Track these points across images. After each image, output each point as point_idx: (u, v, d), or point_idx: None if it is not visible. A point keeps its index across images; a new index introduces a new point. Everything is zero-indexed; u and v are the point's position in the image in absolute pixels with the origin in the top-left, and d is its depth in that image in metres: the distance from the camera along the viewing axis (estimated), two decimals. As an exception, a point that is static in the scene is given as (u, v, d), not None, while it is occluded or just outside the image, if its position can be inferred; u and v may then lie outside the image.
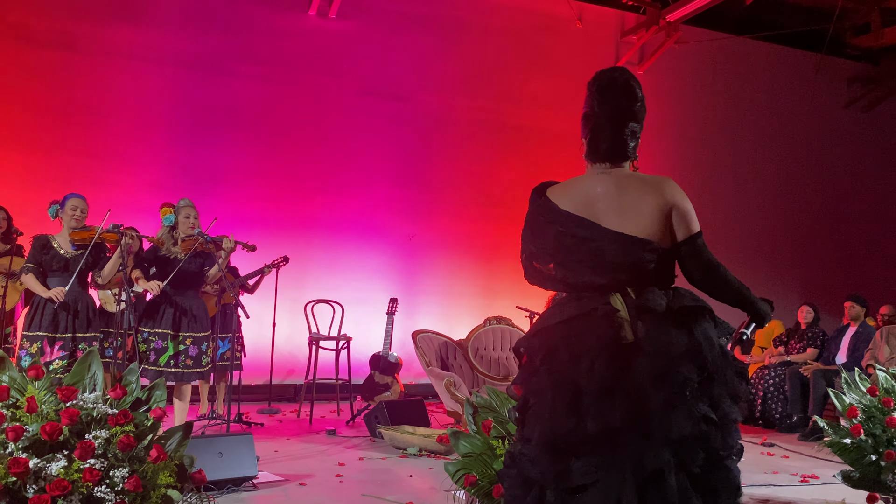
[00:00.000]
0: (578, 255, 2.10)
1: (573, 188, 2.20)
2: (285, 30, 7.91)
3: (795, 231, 10.27)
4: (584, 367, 2.00)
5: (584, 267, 2.10)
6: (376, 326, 7.10)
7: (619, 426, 1.95)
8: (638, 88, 2.21)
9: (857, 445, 3.92)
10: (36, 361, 2.76)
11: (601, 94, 2.20)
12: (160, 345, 4.68)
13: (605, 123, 2.19)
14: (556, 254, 2.14)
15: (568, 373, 2.02)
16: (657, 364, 1.98)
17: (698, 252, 2.15)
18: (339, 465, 4.68)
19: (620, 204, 2.12)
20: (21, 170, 6.83)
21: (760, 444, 5.95)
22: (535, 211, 2.21)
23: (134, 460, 2.55)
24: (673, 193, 2.14)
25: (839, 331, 7.03)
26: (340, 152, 8.05)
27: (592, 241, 2.09)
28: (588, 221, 2.11)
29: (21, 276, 4.60)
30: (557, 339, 2.08)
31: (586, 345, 2.02)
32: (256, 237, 7.37)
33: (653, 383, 1.96)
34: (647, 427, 1.95)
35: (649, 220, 2.10)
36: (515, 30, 8.84)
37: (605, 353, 2.00)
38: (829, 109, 10.69)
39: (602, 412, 1.96)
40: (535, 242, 2.19)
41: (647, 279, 2.10)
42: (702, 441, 1.98)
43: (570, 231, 2.11)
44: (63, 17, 7.09)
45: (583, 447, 1.98)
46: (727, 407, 2.05)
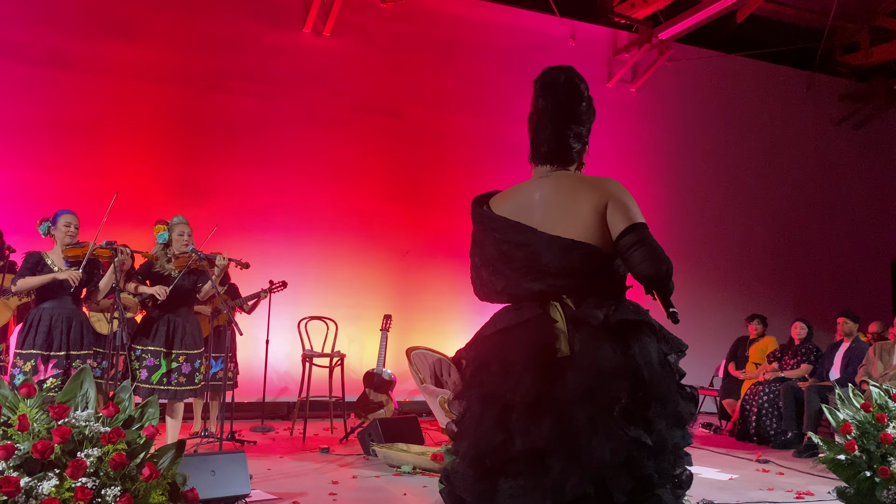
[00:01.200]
0: (516, 261, 1.99)
1: (512, 194, 2.10)
2: (280, 47, 7.95)
3: (787, 247, 10.32)
4: (512, 381, 1.88)
5: (522, 274, 1.98)
6: (370, 343, 7.09)
7: (545, 447, 1.82)
8: (584, 88, 2.09)
9: (852, 462, 3.93)
10: (28, 379, 2.74)
11: (544, 91, 2.09)
12: (153, 362, 4.66)
13: (547, 122, 2.07)
14: (497, 262, 2.03)
15: (496, 386, 1.92)
16: (585, 380, 1.83)
17: (643, 240, 1.93)
18: (333, 483, 4.64)
19: (557, 208, 1.99)
20: (13, 187, 6.81)
21: (755, 461, 5.94)
22: (474, 220, 2.11)
23: (126, 479, 2.53)
24: (609, 189, 1.98)
25: (832, 347, 7.05)
26: (334, 168, 8.06)
27: (528, 247, 1.97)
28: (524, 226, 1.99)
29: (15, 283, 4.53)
30: (489, 350, 1.99)
31: (516, 357, 1.90)
32: (250, 254, 7.36)
33: (578, 401, 1.82)
34: (573, 449, 1.80)
35: (586, 221, 1.96)
36: (508, 47, 8.90)
37: (534, 366, 1.87)
38: (819, 127, 10.78)
39: (528, 430, 1.84)
40: (478, 253, 2.09)
41: (589, 286, 1.96)
42: (629, 467, 1.80)
43: (506, 237, 2.00)
44: (56, 34, 7.11)
45: (511, 466, 1.86)
46: (665, 431, 1.86)
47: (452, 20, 8.69)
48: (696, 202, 9.86)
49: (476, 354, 2.03)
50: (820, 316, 8.60)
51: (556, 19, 8.88)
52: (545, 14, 8.88)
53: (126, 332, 4.51)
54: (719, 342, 8.52)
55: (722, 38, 9.85)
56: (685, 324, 8.16)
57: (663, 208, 9.66)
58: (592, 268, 1.96)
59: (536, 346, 1.90)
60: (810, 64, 10.24)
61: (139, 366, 4.64)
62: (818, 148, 10.69)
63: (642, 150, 9.63)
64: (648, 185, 9.62)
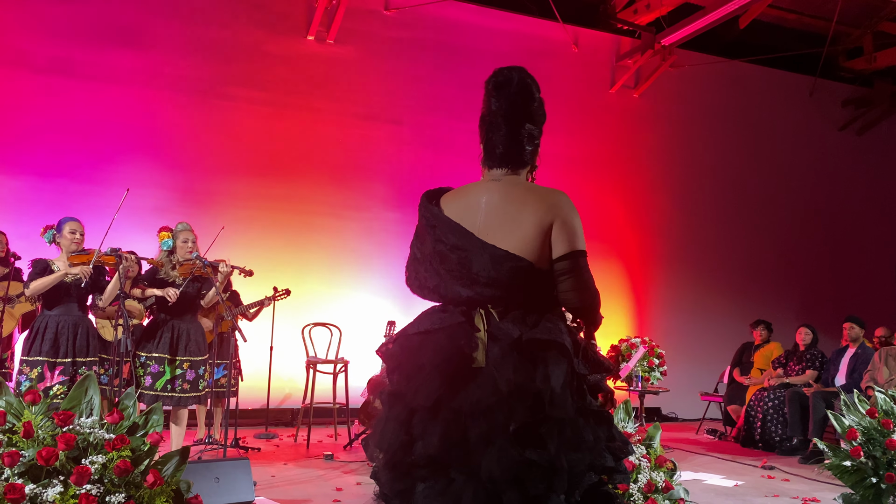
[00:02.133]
0: (448, 263, 1.98)
1: (461, 195, 2.08)
2: (284, 54, 7.98)
3: (792, 253, 10.30)
4: (416, 383, 1.89)
5: (453, 277, 1.97)
6: (374, 350, 7.08)
7: (441, 455, 1.83)
8: (536, 89, 2.08)
9: (858, 468, 3.91)
10: (34, 386, 2.75)
11: (497, 91, 2.06)
12: (157, 369, 4.66)
13: (501, 123, 2.04)
14: (432, 260, 2.02)
15: (403, 386, 1.93)
16: (484, 396, 1.83)
17: (577, 270, 1.94)
18: (337, 490, 4.64)
19: (502, 215, 1.98)
20: (18, 194, 6.84)
21: (760, 467, 5.92)
22: (420, 213, 2.10)
23: (130, 485, 2.53)
24: (559, 207, 1.97)
25: (838, 352, 7.03)
26: (337, 175, 8.08)
27: (462, 251, 1.95)
28: (462, 229, 1.97)
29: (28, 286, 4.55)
30: (406, 350, 2.00)
31: (428, 360, 1.90)
32: (254, 260, 7.37)
33: (474, 416, 1.82)
34: (470, 462, 1.81)
35: (525, 234, 1.94)
36: (512, 54, 8.91)
37: (442, 372, 1.86)
38: (823, 132, 10.77)
39: (423, 435, 1.85)
40: (418, 247, 2.10)
41: (516, 299, 1.94)
42: (520, 485, 1.79)
43: (444, 238, 1.99)
44: (61, 43, 7.15)
45: (417, 470, 1.87)
46: (561, 452, 1.82)
47: (455, 27, 8.71)
48: (699, 208, 9.85)
49: (395, 352, 2.04)
50: (825, 321, 8.58)
51: (559, 25, 8.89)
52: (548, 20, 8.90)
53: (131, 338, 4.52)
54: (724, 348, 8.50)
55: (725, 43, 9.85)
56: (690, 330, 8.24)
57: (667, 214, 9.66)
58: (521, 281, 1.93)
59: (451, 352, 1.89)
60: (813, 69, 10.24)
61: (143, 372, 4.64)
62: (822, 153, 10.68)
63: (645, 156, 9.63)
64: (652, 191, 9.62)
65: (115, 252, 4.61)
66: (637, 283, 9.34)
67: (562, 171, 8.64)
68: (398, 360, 2.02)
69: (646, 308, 9.37)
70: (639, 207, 9.48)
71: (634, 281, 9.31)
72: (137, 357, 4.68)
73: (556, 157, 8.51)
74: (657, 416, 9.02)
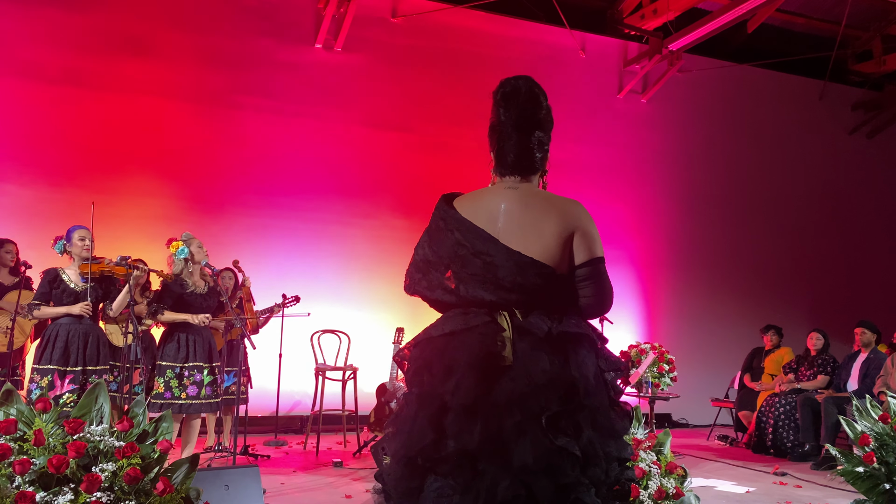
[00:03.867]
0: (472, 267, 2.01)
1: (479, 200, 2.12)
2: (291, 63, 8.01)
3: (803, 257, 10.25)
4: (452, 383, 1.92)
5: (476, 281, 2.01)
6: (383, 356, 7.08)
7: (476, 449, 1.87)
8: (542, 97, 2.14)
9: (871, 474, 3.88)
10: (44, 394, 2.76)
11: (506, 101, 2.12)
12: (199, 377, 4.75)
13: (512, 132, 2.10)
14: (452, 263, 2.05)
15: (435, 387, 1.95)
16: (517, 388, 1.89)
17: (598, 276, 2.05)
18: (346, 497, 4.63)
19: (522, 222, 2.04)
20: (28, 203, 6.88)
21: (772, 474, 5.87)
22: (437, 216, 2.12)
23: (140, 493, 2.54)
24: (578, 217, 2.06)
25: (850, 357, 6.98)
26: (345, 183, 8.10)
27: (487, 256, 2.00)
28: (486, 235, 2.02)
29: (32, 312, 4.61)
30: (433, 352, 2.02)
31: (459, 360, 1.94)
32: (263, 267, 7.41)
33: (509, 408, 1.88)
34: (503, 454, 1.86)
35: (548, 242, 2.01)
36: (519, 60, 8.92)
37: (476, 370, 1.92)
38: (833, 136, 10.72)
39: (461, 432, 1.89)
40: (433, 249, 2.10)
41: (538, 302, 2.01)
42: (553, 474, 1.85)
43: (467, 242, 2.02)
44: (71, 53, 7.20)
45: (441, 467, 1.90)
46: (595, 441, 1.91)
47: (462, 34, 8.73)
48: (708, 213, 9.82)
49: (420, 354, 2.07)
50: (836, 326, 8.52)
51: (567, 31, 8.90)
52: (555, 26, 8.91)
53: (140, 345, 4.55)
54: (734, 353, 8.45)
55: (733, 48, 9.84)
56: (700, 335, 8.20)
57: (676, 219, 9.63)
58: (544, 286, 2.01)
59: (481, 351, 1.94)
60: (822, 73, 10.20)
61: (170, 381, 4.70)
62: (831, 157, 10.63)
63: (654, 161, 9.61)
64: (661, 196, 9.60)
65: (124, 260, 4.63)
66: (646, 288, 9.31)
67: (570, 176, 8.63)
68: (426, 361, 2.04)
69: (655, 314, 9.33)
70: (647, 212, 9.46)
71: (643, 286, 9.28)
72: (159, 367, 4.75)
73: (565, 163, 8.50)
74: (668, 422, 8.97)
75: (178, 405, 4.69)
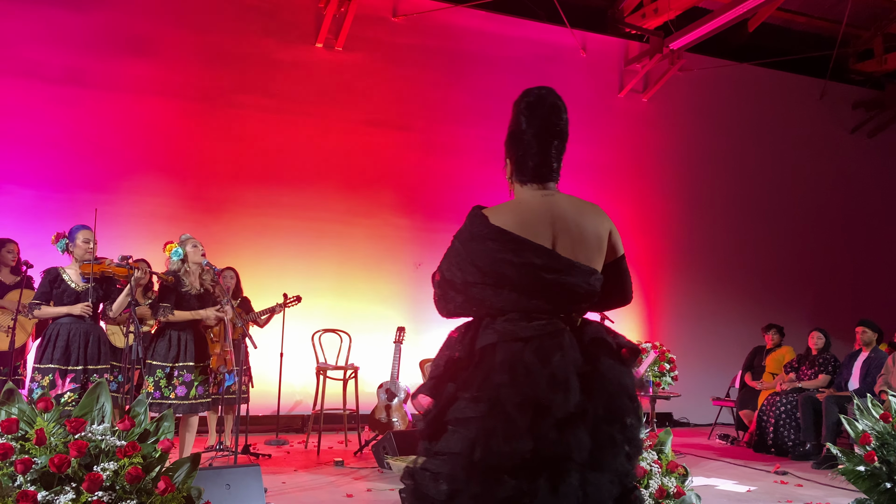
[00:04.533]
0: (528, 280, 2.02)
1: (518, 212, 2.11)
2: (293, 62, 8.01)
3: (804, 256, 10.24)
4: (561, 389, 1.93)
5: (533, 292, 2.02)
6: (384, 355, 7.09)
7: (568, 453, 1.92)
8: (564, 109, 2.20)
9: (872, 473, 3.88)
10: (46, 394, 2.76)
11: (530, 111, 2.16)
12: (188, 378, 4.73)
13: (533, 141, 2.16)
14: (503, 280, 2.04)
15: (538, 391, 1.94)
16: (614, 398, 2.01)
17: (626, 271, 2.22)
18: (348, 496, 4.64)
19: (570, 231, 2.07)
20: (29, 203, 6.89)
21: (773, 473, 5.87)
22: (480, 235, 2.08)
23: (142, 492, 2.54)
24: (606, 219, 2.18)
25: (851, 356, 6.97)
26: (347, 182, 8.10)
27: (554, 272, 2.02)
28: (544, 249, 2.04)
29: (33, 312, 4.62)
30: (522, 355, 1.99)
31: (560, 366, 1.96)
32: (264, 267, 7.42)
33: (605, 417, 1.98)
34: (596, 459, 1.95)
35: (593, 248, 2.10)
36: (519, 60, 8.92)
37: (574, 377, 1.96)
38: (834, 135, 10.72)
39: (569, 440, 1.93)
40: (477, 267, 2.06)
41: (587, 307, 2.13)
42: (623, 477, 2.02)
43: (524, 257, 2.02)
44: (73, 53, 7.21)
45: (522, 471, 1.91)
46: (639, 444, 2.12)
47: (463, 33, 8.73)
48: (709, 212, 9.81)
49: (507, 357, 2.00)
50: (837, 325, 8.52)
51: (567, 31, 8.90)
52: (556, 26, 8.91)
53: (141, 345, 4.55)
54: (735, 352, 8.45)
55: (734, 47, 9.83)
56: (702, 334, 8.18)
57: (677, 219, 9.62)
58: (596, 291, 2.11)
59: (572, 358, 1.99)
60: (823, 72, 10.20)
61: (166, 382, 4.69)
62: (833, 156, 10.63)
63: (655, 161, 9.60)
64: (661, 195, 9.59)
65: (126, 260, 4.63)
66: (647, 287, 9.31)
67: (571, 175, 8.60)
68: (515, 363, 1.99)
69: (656, 312, 9.33)
70: (648, 212, 9.45)
71: (644, 285, 9.28)
72: (152, 365, 4.72)
73: (566, 163, 8.45)
74: (668, 421, 8.97)
75: (169, 405, 4.67)
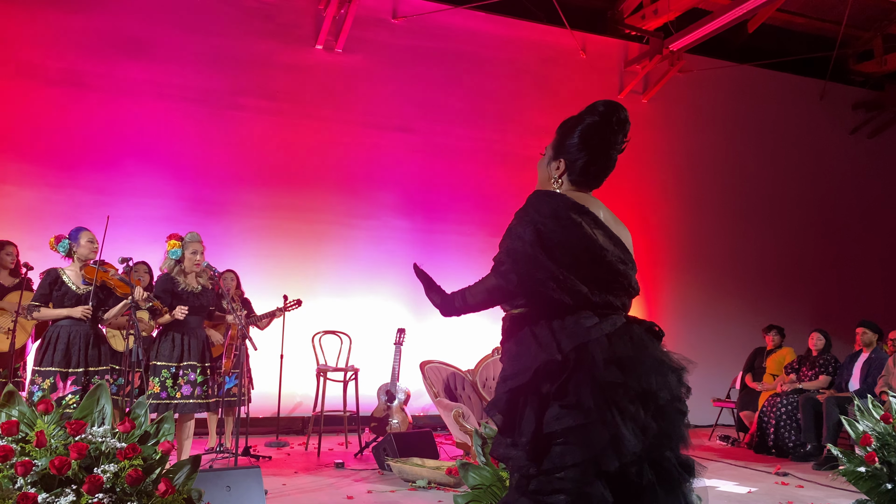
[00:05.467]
0: (608, 273, 2.06)
1: (587, 206, 2.12)
2: (292, 64, 8.01)
3: (804, 258, 10.24)
4: (662, 374, 2.01)
5: (607, 285, 2.06)
6: (384, 357, 7.09)
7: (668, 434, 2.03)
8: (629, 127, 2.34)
9: (873, 474, 3.88)
10: (46, 396, 2.77)
11: (620, 126, 2.26)
12: (193, 377, 4.74)
13: (606, 152, 2.25)
14: (585, 266, 2.03)
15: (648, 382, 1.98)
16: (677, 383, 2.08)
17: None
18: (348, 498, 4.63)
19: (617, 232, 2.16)
20: (29, 205, 6.89)
21: (774, 474, 5.87)
22: (569, 218, 2.04)
23: (142, 494, 2.54)
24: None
25: (851, 357, 6.97)
26: (346, 183, 8.10)
27: (622, 264, 2.09)
28: (621, 242, 2.12)
29: (32, 314, 4.62)
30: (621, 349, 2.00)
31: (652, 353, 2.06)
32: (264, 269, 7.42)
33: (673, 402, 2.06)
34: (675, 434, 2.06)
35: (630, 248, 2.20)
36: (520, 61, 8.93)
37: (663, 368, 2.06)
38: (834, 135, 10.72)
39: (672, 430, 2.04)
40: (563, 250, 2.01)
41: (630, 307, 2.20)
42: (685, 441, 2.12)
43: (608, 248, 2.06)
44: (73, 55, 7.21)
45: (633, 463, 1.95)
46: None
47: (463, 35, 8.74)
48: (710, 213, 9.81)
49: (610, 356, 1.99)
50: (838, 326, 8.51)
51: (567, 32, 8.90)
52: (556, 27, 8.91)
53: (142, 348, 4.55)
54: (736, 353, 8.44)
55: (734, 48, 9.83)
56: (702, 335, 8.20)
57: (677, 219, 9.63)
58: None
59: (656, 353, 2.08)
60: (823, 73, 10.20)
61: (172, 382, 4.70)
62: (833, 157, 10.63)
63: (655, 162, 9.60)
64: (662, 196, 9.59)
65: (126, 262, 4.64)
66: (647, 288, 9.31)
67: (571, 177, 8.63)
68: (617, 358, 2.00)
69: (656, 313, 9.32)
70: (648, 213, 9.45)
71: (644, 286, 9.27)
72: (155, 367, 4.73)
73: (565, 164, 8.49)
74: (669, 422, 8.96)
75: (175, 405, 4.68)
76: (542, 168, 2.30)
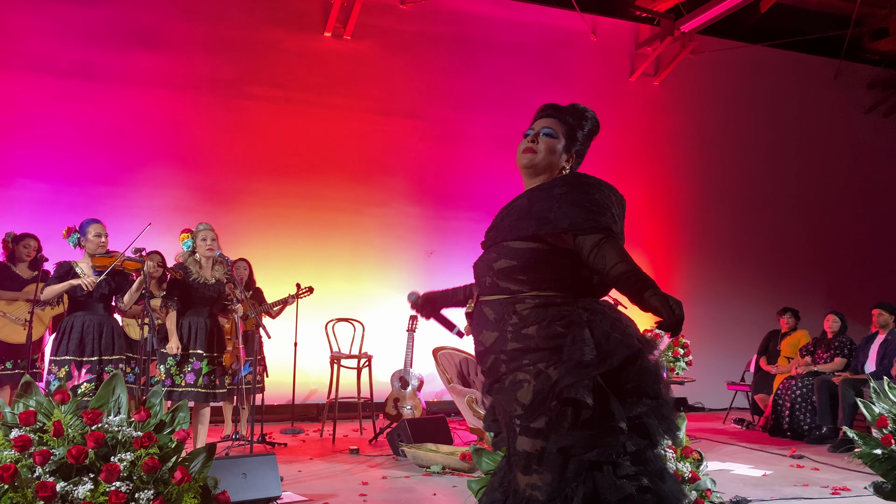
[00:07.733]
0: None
1: None
2: (301, 52, 8.00)
3: (819, 239, 10.15)
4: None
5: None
6: (397, 344, 7.10)
7: None
8: None
9: (889, 456, 3.85)
10: (62, 385, 2.79)
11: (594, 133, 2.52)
12: (198, 365, 4.75)
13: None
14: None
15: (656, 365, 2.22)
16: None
17: None
18: (363, 484, 4.66)
19: None
20: (41, 197, 6.93)
21: (789, 457, 5.85)
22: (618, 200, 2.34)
23: (159, 482, 2.56)
24: None
25: (867, 339, 6.92)
26: (357, 171, 8.09)
27: None
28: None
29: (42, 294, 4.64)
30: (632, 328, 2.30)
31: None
32: (276, 257, 7.44)
33: None
34: None
35: None
36: (530, 45, 8.87)
37: None
38: (849, 115, 10.59)
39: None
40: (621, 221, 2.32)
41: None
42: None
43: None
44: (83, 47, 7.22)
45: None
46: None
47: (472, 19, 8.68)
48: (723, 195, 9.74)
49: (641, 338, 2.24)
50: (854, 308, 8.45)
51: (577, 15, 8.82)
52: (566, 10, 8.83)
53: (156, 337, 4.58)
54: (750, 336, 8.40)
55: (746, 28, 9.71)
56: (716, 318, 8.13)
57: (689, 202, 9.56)
58: None
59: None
60: (838, 52, 10.06)
61: (177, 370, 4.71)
62: (848, 137, 10.50)
63: (667, 144, 9.53)
64: (674, 178, 9.53)
65: (139, 253, 4.65)
66: (660, 272, 9.26)
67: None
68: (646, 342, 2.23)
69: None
70: (660, 196, 9.40)
71: (657, 270, 9.23)
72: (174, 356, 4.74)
73: (576, 148, 8.45)
74: (683, 406, 8.96)
75: (178, 394, 4.68)
76: (556, 151, 2.37)
